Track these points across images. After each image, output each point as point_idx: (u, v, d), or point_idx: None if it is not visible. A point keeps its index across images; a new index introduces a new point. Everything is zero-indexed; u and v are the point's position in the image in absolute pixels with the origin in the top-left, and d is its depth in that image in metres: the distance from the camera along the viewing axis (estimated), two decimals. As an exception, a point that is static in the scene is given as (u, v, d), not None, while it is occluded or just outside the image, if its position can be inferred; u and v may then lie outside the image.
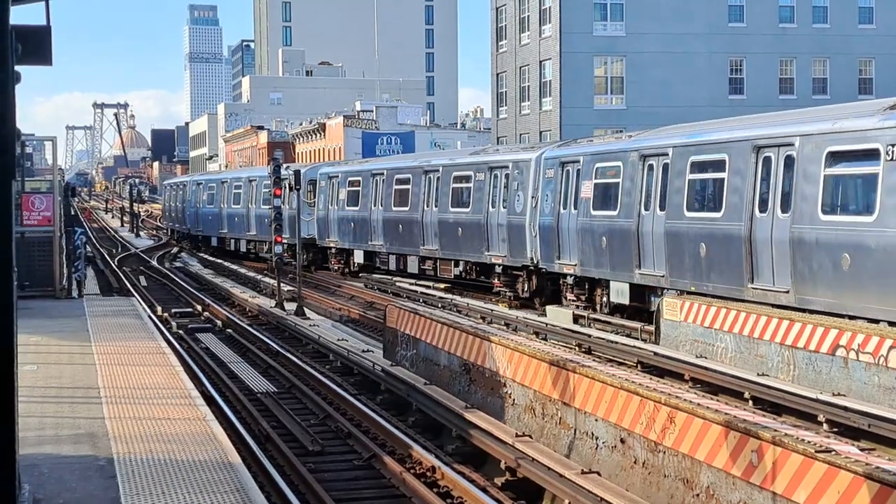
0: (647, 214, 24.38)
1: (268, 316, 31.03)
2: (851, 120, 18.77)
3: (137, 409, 13.68)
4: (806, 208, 19.29)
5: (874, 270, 17.63)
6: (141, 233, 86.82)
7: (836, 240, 18.44)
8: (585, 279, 27.10)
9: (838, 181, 19.00)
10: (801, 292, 19.27)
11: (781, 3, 63.09)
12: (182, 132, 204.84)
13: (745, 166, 21.14)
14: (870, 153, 17.86)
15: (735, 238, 21.13)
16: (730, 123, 24.12)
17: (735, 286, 21.02)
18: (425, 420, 17.31)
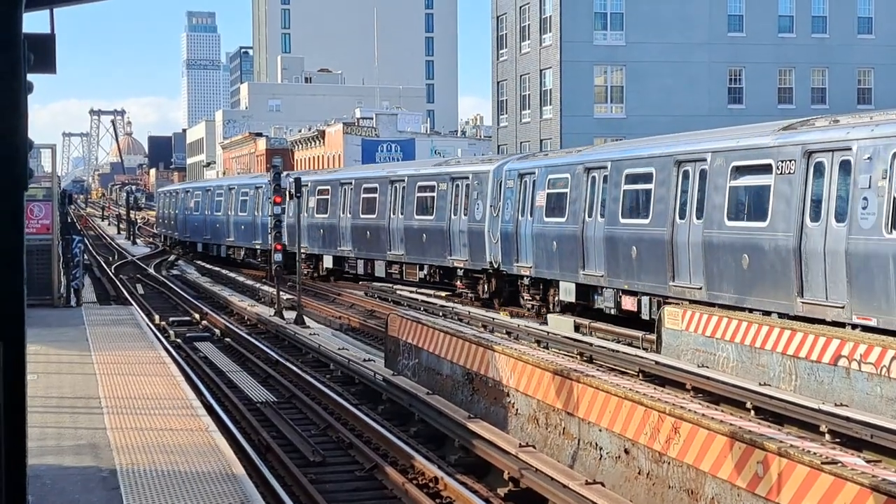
0: (590, 221, 27.25)
1: (267, 324, 30.95)
2: (752, 139, 21.74)
3: (139, 420, 13.62)
4: (715, 215, 22.15)
5: (767, 269, 20.50)
6: (138, 240, 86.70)
7: (738, 242, 21.35)
8: (540, 280, 29.98)
9: (741, 191, 21.86)
10: (711, 288, 22.06)
11: (781, 13, 63.17)
12: (179, 139, 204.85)
13: (668, 178, 24.03)
14: (765, 167, 20.81)
15: (660, 242, 23.92)
16: (657, 141, 27.06)
17: (660, 284, 23.80)
18: (428, 430, 17.24)
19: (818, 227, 19.19)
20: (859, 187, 18.26)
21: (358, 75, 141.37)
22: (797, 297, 19.57)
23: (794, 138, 20.33)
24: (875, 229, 17.83)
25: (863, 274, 18.04)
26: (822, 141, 19.49)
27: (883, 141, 17.96)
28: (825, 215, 19.10)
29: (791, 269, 19.68)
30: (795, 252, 19.56)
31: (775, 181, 20.34)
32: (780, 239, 20.05)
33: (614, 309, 26.14)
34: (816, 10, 63.45)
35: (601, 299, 26.71)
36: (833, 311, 18.73)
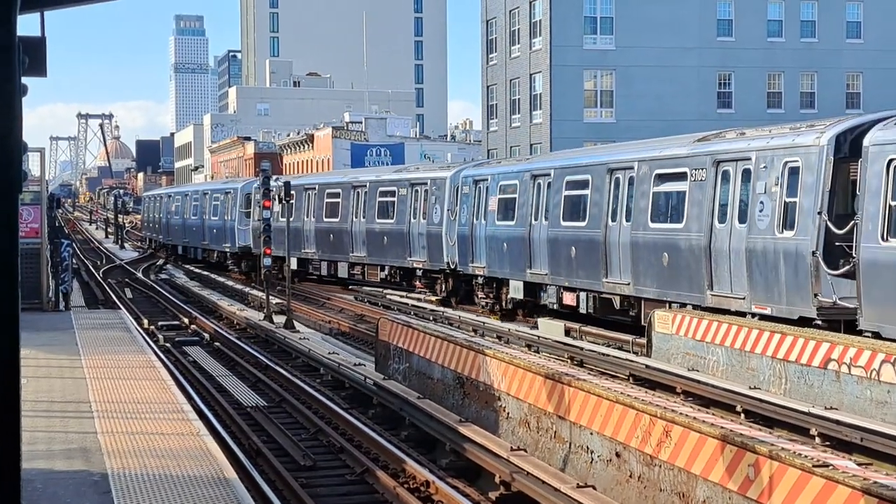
0: (536, 224, 29.40)
1: (256, 329, 30.90)
2: (671, 149, 24.17)
3: (130, 424, 13.57)
4: (641, 218, 24.44)
5: (683, 265, 22.72)
6: (126, 244, 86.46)
7: (660, 242, 23.59)
8: (493, 279, 32.17)
9: (662, 196, 24.12)
10: (638, 284, 24.26)
11: (770, 18, 63.37)
12: (167, 143, 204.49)
13: (602, 185, 26.26)
14: (681, 175, 23.09)
15: (595, 242, 26.19)
16: (594, 151, 30.75)
17: (595, 281, 26.08)
18: (419, 434, 17.23)
19: (725, 228, 21.54)
20: (757, 192, 20.57)
21: (347, 79, 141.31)
22: (707, 290, 21.81)
23: (706, 149, 22.60)
24: (769, 229, 20.16)
25: (759, 269, 20.30)
26: (727, 151, 21.86)
27: (776, 151, 20.23)
28: (730, 218, 21.40)
29: (702, 265, 21.99)
30: (706, 250, 21.88)
31: (690, 187, 22.67)
32: (694, 239, 22.34)
33: (556, 304, 28.26)
34: (805, 15, 63.65)
35: (546, 296, 28.88)
36: (736, 301, 20.93)
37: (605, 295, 25.77)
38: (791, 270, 19.53)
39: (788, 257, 19.61)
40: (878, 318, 17.39)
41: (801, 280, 19.28)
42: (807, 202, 19.37)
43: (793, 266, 19.48)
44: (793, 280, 19.48)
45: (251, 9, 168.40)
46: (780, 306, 19.76)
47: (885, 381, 15.25)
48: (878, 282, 17.41)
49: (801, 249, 19.29)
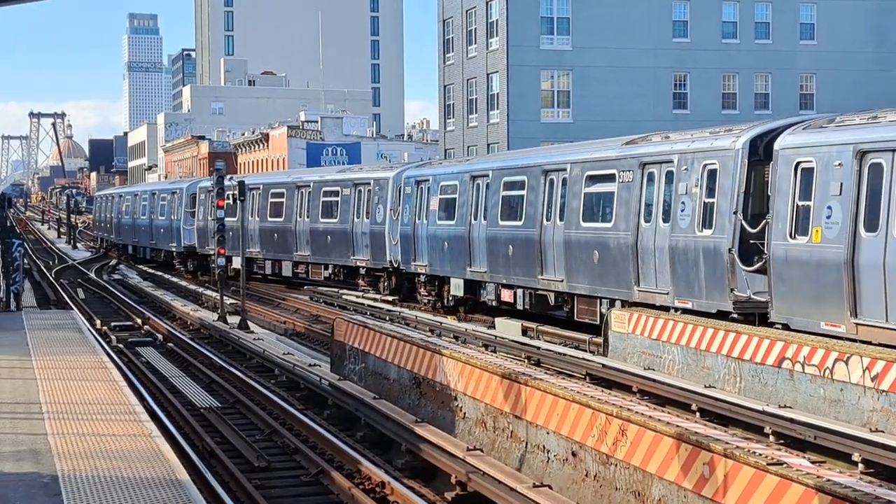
0: (475, 224, 30.25)
1: (210, 329, 30.67)
2: (601, 152, 25.29)
3: (81, 426, 13.38)
4: (573, 217, 25.43)
5: (612, 263, 23.77)
6: (78, 244, 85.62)
7: (591, 241, 24.62)
8: (435, 277, 33.01)
9: (593, 197, 25.04)
10: (571, 280, 25.32)
11: (725, 19, 63.80)
12: (121, 142, 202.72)
13: (537, 185, 27.13)
14: (610, 177, 24.12)
15: (531, 241, 27.01)
16: (530, 153, 31.36)
17: (531, 278, 26.98)
18: (374, 435, 17.16)
19: (650, 227, 22.57)
20: (679, 193, 21.59)
21: (302, 78, 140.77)
22: (635, 286, 22.79)
23: (633, 152, 23.68)
24: (690, 228, 21.20)
25: (681, 265, 21.34)
26: (652, 154, 22.91)
27: (696, 154, 21.29)
28: (655, 217, 22.47)
29: (630, 262, 23.00)
30: (633, 248, 22.92)
31: (618, 188, 23.69)
32: (622, 237, 23.37)
33: (495, 301, 29.24)
34: (760, 17, 64.16)
35: (485, 293, 29.90)
36: (661, 297, 21.94)
37: (541, 291, 26.86)
38: (710, 267, 20.56)
39: (707, 254, 20.63)
40: (787, 311, 18.47)
41: (719, 276, 20.31)
42: (724, 202, 20.37)
43: (711, 263, 20.51)
44: (711, 276, 20.53)
45: (205, 7, 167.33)
46: (700, 301, 20.82)
47: (839, 380, 15.37)
48: (787, 276, 18.49)
49: (719, 247, 20.32)
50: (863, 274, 16.88)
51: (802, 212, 18.35)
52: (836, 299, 17.34)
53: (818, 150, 18.17)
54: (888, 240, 16.47)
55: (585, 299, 24.85)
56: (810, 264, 18.03)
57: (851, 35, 64.22)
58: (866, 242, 16.90)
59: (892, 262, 16.33)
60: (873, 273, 16.65)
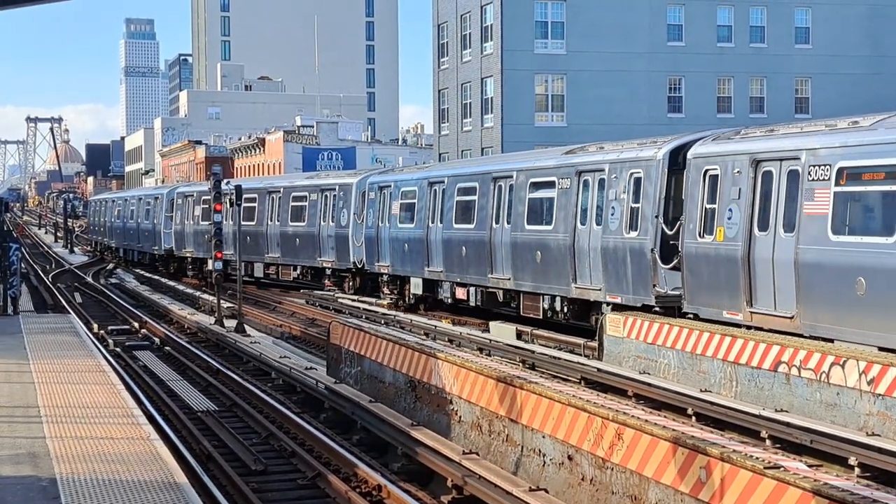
0: (433, 227, 32.41)
1: (207, 333, 30.66)
2: (543, 161, 27.75)
3: (79, 429, 13.40)
4: (519, 221, 27.49)
5: (552, 262, 25.88)
6: (75, 248, 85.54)
7: (534, 242, 26.79)
8: (397, 277, 35.16)
9: (536, 202, 27.02)
10: (517, 279, 27.51)
11: (719, 23, 63.85)
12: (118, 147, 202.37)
13: (488, 191, 29.33)
14: (551, 183, 26.15)
15: (483, 243, 29.24)
16: (482, 161, 36.04)
17: (482, 277, 29.20)
18: (370, 438, 17.17)
19: (585, 230, 24.69)
20: (610, 199, 23.74)
21: (298, 83, 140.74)
22: (572, 283, 24.88)
23: (570, 161, 25.85)
24: (619, 230, 23.28)
25: (612, 264, 23.46)
26: (587, 163, 25.07)
27: (624, 164, 23.39)
28: (589, 220, 24.57)
29: (567, 261, 25.06)
30: (570, 249, 25.02)
31: (558, 194, 25.79)
32: (561, 239, 25.44)
33: (451, 298, 31.60)
34: (755, 21, 64.21)
35: (442, 291, 32.16)
36: (595, 293, 24.17)
37: (491, 289, 29.14)
38: (636, 265, 22.65)
39: (634, 254, 22.73)
40: (697, 302, 20.65)
41: (643, 273, 22.40)
42: (647, 207, 22.44)
43: (637, 262, 22.59)
44: (637, 273, 22.61)
45: (202, 12, 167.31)
46: (628, 296, 22.85)
47: (835, 384, 15.41)
48: (696, 272, 20.67)
49: (644, 247, 22.39)
50: (756, 268, 19.01)
51: (709, 214, 20.46)
52: (735, 291, 19.45)
53: (723, 160, 20.31)
54: (776, 238, 18.65)
55: (530, 296, 26.95)
56: (715, 260, 20.12)
57: (846, 39, 64.33)
58: (759, 240, 19.05)
59: (779, 257, 18.47)
60: (765, 267, 18.80)
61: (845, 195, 17.56)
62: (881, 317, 16.35)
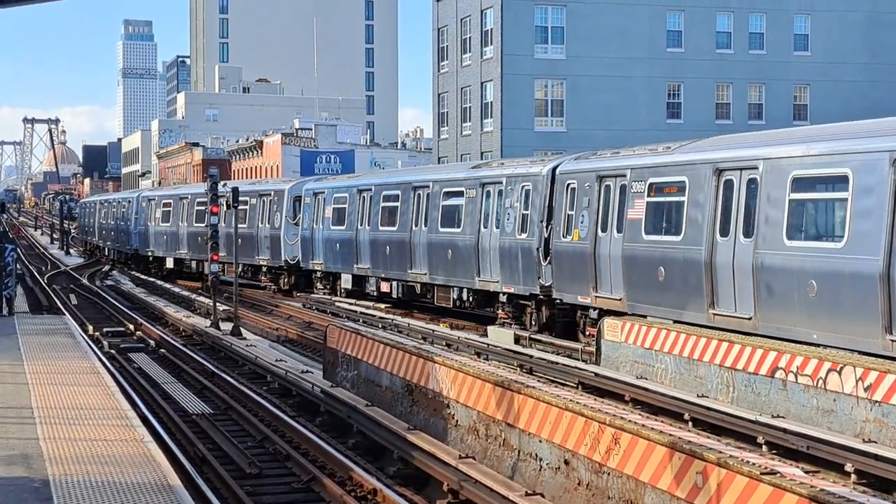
0: (361, 229, 37.26)
1: (203, 336, 30.59)
2: (454, 173, 33.15)
3: (73, 430, 13.33)
4: (434, 224, 32.24)
5: (461, 260, 30.56)
6: (71, 250, 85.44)
7: (446, 242, 31.38)
8: (329, 273, 40.45)
9: (448, 208, 31.68)
10: (432, 274, 32.13)
11: (719, 29, 63.89)
12: (114, 148, 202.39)
13: (408, 198, 33.99)
14: (460, 193, 31.12)
15: (404, 243, 33.82)
16: (403, 172, 42.24)
17: (403, 272, 33.88)
18: (366, 442, 17.11)
19: (487, 232, 29.30)
20: (506, 207, 28.37)
21: (297, 85, 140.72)
22: (476, 276, 29.60)
23: (476, 174, 30.76)
24: (513, 233, 27.88)
25: (508, 261, 28.01)
26: (489, 176, 29.80)
27: (517, 178, 28.05)
28: (490, 224, 29.20)
29: (473, 258, 29.73)
30: (475, 248, 29.66)
31: (466, 202, 30.50)
32: (468, 239, 30.08)
33: (376, 292, 36.36)
34: (754, 27, 64.26)
35: (368, 285, 36.93)
36: (493, 284, 28.79)
37: (410, 283, 33.81)
38: (525, 261, 27.19)
39: (524, 252, 27.28)
40: (562, 290, 25.42)
41: (531, 268, 26.95)
42: (534, 214, 27.04)
43: (527, 258, 27.13)
44: (526, 268, 27.17)
45: (201, 14, 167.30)
46: (519, 287, 27.49)
47: (832, 390, 15.36)
48: (561, 265, 25.52)
49: (531, 247, 26.94)
50: (600, 261, 23.75)
51: (570, 219, 25.33)
52: (586, 280, 24.21)
53: (579, 176, 25.24)
54: (611, 237, 23.56)
55: (443, 288, 31.87)
56: (573, 256, 24.93)
57: (845, 46, 64.39)
58: (601, 240, 23.93)
59: (613, 252, 23.28)
60: (605, 260, 23.58)
61: (653, 204, 22.31)
62: (677, 294, 20.89)
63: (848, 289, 16.65)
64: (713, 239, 19.91)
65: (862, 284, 16.30)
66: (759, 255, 18.43)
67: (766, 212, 18.43)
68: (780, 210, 18.15)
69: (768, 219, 18.38)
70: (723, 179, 19.95)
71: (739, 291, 18.97)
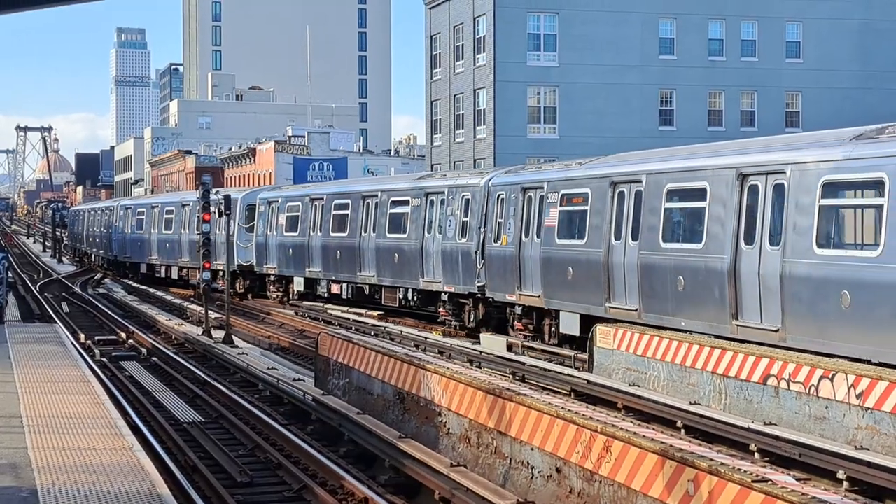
0: (313, 235, 39.89)
1: (194, 344, 30.50)
2: (400, 183, 36.11)
3: (62, 439, 13.27)
4: (382, 230, 34.93)
5: (407, 262, 33.25)
6: (64, 258, 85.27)
7: (392, 246, 34.06)
8: (282, 277, 43.20)
9: (395, 216, 34.38)
10: (380, 276, 34.96)
11: (711, 37, 63.97)
12: (107, 156, 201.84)
13: (358, 207, 36.75)
14: (406, 201, 33.79)
15: (353, 247, 36.47)
16: (354, 182, 45.96)
17: (353, 275, 36.61)
18: (358, 450, 17.05)
19: (431, 237, 31.97)
20: (448, 214, 31.10)
21: (290, 93, 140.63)
22: (420, 278, 32.29)
23: (421, 184, 33.30)
24: (454, 237, 30.64)
25: (449, 263, 30.78)
26: (432, 186, 32.63)
27: (458, 188, 30.89)
28: (434, 230, 31.85)
29: (417, 261, 32.40)
30: (420, 251, 32.29)
31: (412, 209, 33.18)
32: (413, 244, 32.75)
33: (327, 293, 39.07)
34: (746, 35, 64.33)
35: (320, 288, 39.51)
36: (436, 284, 31.45)
37: (359, 285, 36.37)
38: (465, 263, 29.94)
39: (463, 255, 30.00)
40: (493, 290, 28.28)
41: (470, 269, 29.65)
42: (473, 220, 29.76)
43: (465, 261, 29.90)
44: (465, 269, 29.87)
45: (193, 22, 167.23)
46: (459, 286, 30.22)
47: (824, 397, 15.34)
48: (492, 267, 28.38)
49: (470, 250, 29.67)
50: (523, 263, 26.68)
51: (500, 226, 28.15)
52: (512, 280, 27.09)
53: (507, 187, 28.18)
54: (532, 242, 26.48)
55: (390, 289, 34.36)
56: (502, 258, 27.77)
57: (837, 53, 64.48)
58: (524, 244, 26.81)
59: (533, 255, 26.23)
60: (527, 263, 26.53)
61: (564, 212, 25.43)
62: (583, 291, 24.11)
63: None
64: (609, 242, 23.48)
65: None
66: (643, 255, 22.08)
67: (648, 219, 22.19)
68: (657, 217, 21.93)
69: (651, 226, 22.07)
70: (617, 191, 23.58)
71: (629, 288, 22.56)
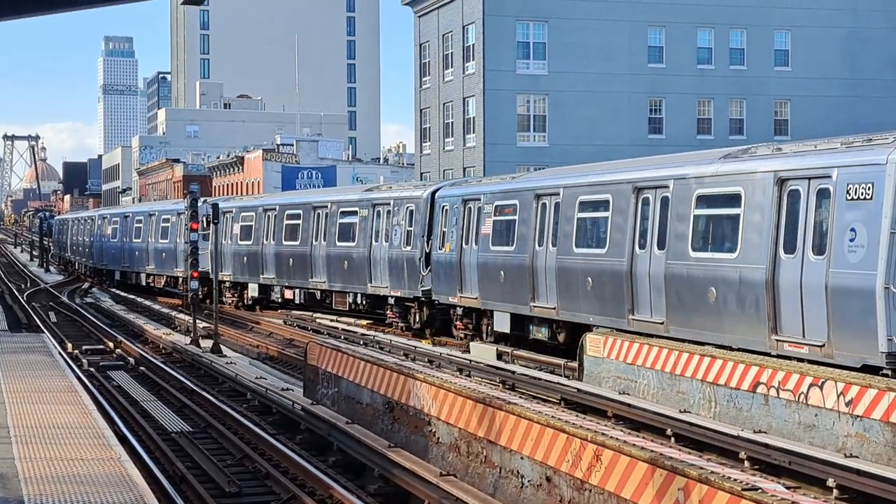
0: (266, 243, 42.33)
1: (182, 353, 30.38)
2: (349, 195, 38.43)
3: (49, 450, 13.16)
4: (332, 239, 37.28)
5: (356, 269, 35.45)
6: (51, 267, 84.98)
7: (342, 254, 36.51)
8: (237, 283, 45.45)
9: (344, 225, 36.79)
10: (330, 282, 37.50)
11: (700, 45, 64.10)
12: (95, 165, 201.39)
13: (308, 217, 39.11)
14: (354, 212, 36.46)
15: (305, 255, 39.02)
16: (304, 194, 49.44)
17: (305, 281, 39.27)
18: (346, 460, 16.97)
19: (378, 245, 34.43)
20: (394, 224, 33.51)
21: (278, 101, 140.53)
22: (369, 283, 34.68)
23: (368, 196, 36.03)
24: (400, 246, 32.87)
25: (395, 269, 33.13)
26: (378, 198, 35.26)
27: (403, 199, 33.26)
28: (381, 239, 34.32)
29: (365, 268, 34.88)
30: (367, 259, 34.79)
31: (360, 220, 35.66)
32: (361, 251, 35.33)
33: (280, 298, 41.70)
34: (735, 43, 64.49)
35: (274, 293, 42.06)
36: (383, 289, 33.69)
37: (311, 290, 38.96)
38: (410, 270, 32.24)
39: (408, 262, 32.36)
40: (438, 293, 30.65)
41: (414, 275, 31.98)
42: (417, 230, 32.17)
43: (410, 267, 32.24)
44: (410, 275, 32.17)
45: (181, 30, 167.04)
46: (405, 291, 32.66)
47: (813, 405, 15.32)
48: (437, 273, 30.73)
49: (414, 257, 32.08)
50: (464, 268, 29.19)
51: (444, 234, 30.53)
52: (455, 284, 29.58)
53: (450, 199, 30.61)
54: (471, 248, 28.97)
55: (340, 294, 37.08)
56: (446, 264, 30.10)
57: (825, 61, 64.67)
58: (465, 251, 29.32)
59: (471, 261, 28.77)
60: (467, 268, 29.04)
61: (497, 221, 27.99)
62: (512, 293, 26.64)
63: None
64: (534, 248, 26.08)
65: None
66: (560, 259, 24.92)
67: (564, 227, 24.98)
68: (571, 225, 24.77)
69: (566, 233, 24.93)
70: (541, 202, 26.28)
71: (548, 288, 25.33)
